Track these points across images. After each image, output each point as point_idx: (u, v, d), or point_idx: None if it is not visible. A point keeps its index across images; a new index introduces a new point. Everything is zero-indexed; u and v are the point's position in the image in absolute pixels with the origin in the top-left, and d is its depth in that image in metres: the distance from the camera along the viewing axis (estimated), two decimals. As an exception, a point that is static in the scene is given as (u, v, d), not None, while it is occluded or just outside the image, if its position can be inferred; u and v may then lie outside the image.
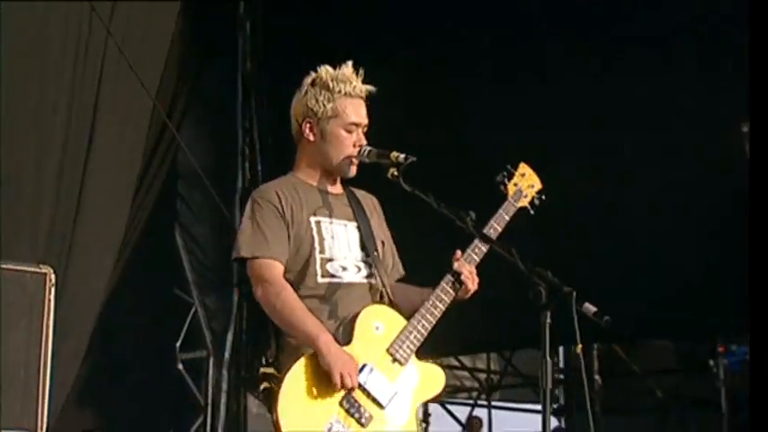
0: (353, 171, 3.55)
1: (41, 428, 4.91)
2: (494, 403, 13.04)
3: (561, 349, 13.08)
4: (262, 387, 3.41)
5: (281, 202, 3.46)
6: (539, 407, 14.60)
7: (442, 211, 3.37)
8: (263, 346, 3.68)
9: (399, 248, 3.77)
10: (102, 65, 6.97)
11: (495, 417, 12.90)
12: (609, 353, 10.40)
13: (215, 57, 9.19)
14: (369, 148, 3.52)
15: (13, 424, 4.76)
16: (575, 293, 3.15)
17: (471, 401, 13.08)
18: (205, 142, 9.19)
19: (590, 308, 3.14)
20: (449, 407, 12.78)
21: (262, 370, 3.45)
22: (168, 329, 8.72)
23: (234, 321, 9.27)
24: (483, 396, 12.73)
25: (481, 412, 12.65)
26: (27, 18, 6.62)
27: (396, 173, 3.45)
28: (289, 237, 3.43)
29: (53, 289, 5.07)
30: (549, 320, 3.14)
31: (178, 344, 9.08)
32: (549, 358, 3.17)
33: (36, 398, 4.89)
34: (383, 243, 3.66)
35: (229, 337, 9.21)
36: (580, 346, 3.21)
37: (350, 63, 3.61)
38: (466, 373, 13.09)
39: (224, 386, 9.41)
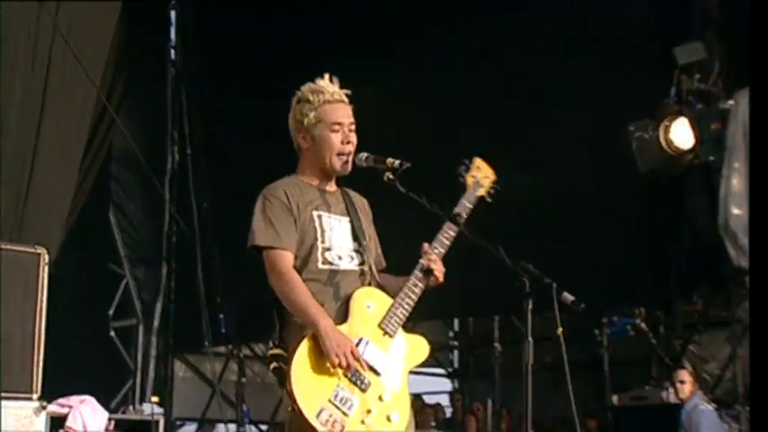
0: (348, 168, 3.75)
1: (36, 392, 5.23)
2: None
3: (456, 320, 13.86)
4: (272, 366, 3.63)
5: (288, 199, 3.67)
6: (438, 370, 14.95)
7: (434, 210, 3.63)
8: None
9: (383, 243, 4.02)
10: (50, 54, 7.21)
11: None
12: (508, 323, 11.31)
13: (150, 51, 9.60)
14: (366, 155, 3.72)
15: (12, 387, 5.08)
16: (554, 285, 3.46)
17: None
18: (139, 128, 9.51)
19: (568, 297, 3.45)
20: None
21: (270, 351, 3.69)
22: (101, 300, 9.18)
23: (163, 292, 9.68)
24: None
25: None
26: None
27: (391, 176, 3.68)
28: (296, 228, 3.67)
29: (46, 267, 5.38)
30: (530, 307, 3.49)
31: (110, 312, 9.64)
32: (530, 339, 3.50)
33: (31, 365, 5.19)
34: (370, 237, 3.88)
35: (158, 306, 9.66)
36: (560, 329, 3.56)
37: (326, 75, 3.80)
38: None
39: (153, 352, 9.90)
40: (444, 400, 13.07)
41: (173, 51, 10.06)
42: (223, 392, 10.32)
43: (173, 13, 10.05)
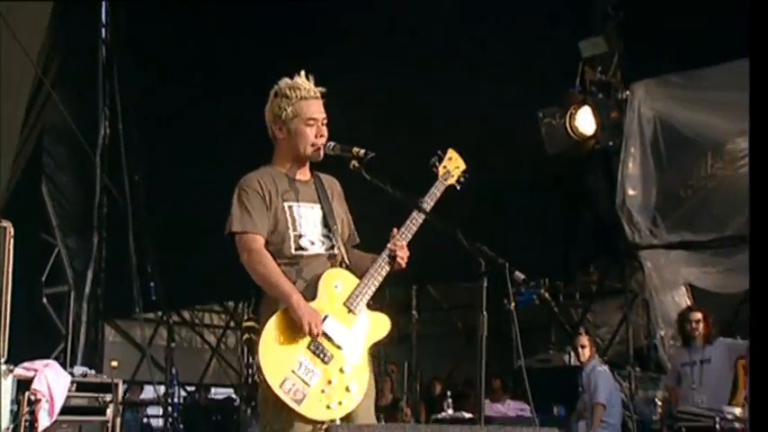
0: (320, 156, 3.86)
1: (3, 356, 5.26)
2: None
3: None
4: (244, 338, 3.75)
5: (261, 189, 3.80)
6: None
7: (396, 196, 3.76)
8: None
9: (356, 221, 4.15)
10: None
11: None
12: (425, 292, 11.69)
13: (82, 33, 9.65)
14: (333, 144, 3.84)
15: None
16: (507, 265, 3.63)
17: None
18: (72, 106, 9.49)
19: (519, 276, 3.62)
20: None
21: (244, 323, 3.80)
22: (35, 268, 9.13)
23: (93, 261, 9.88)
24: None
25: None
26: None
27: (357, 164, 3.82)
28: (268, 216, 3.81)
29: (12, 240, 5.47)
30: (485, 285, 3.65)
31: (43, 279, 9.67)
32: (485, 312, 3.73)
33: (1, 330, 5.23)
34: (343, 220, 3.99)
35: (89, 274, 9.79)
36: (513, 304, 3.78)
37: (303, 72, 3.91)
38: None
39: (83, 318, 10.05)
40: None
41: (103, 31, 10.11)
42: (153, 356, 10.48)
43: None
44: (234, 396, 12.42)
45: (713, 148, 7.86)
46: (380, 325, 3.81)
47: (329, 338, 3.64)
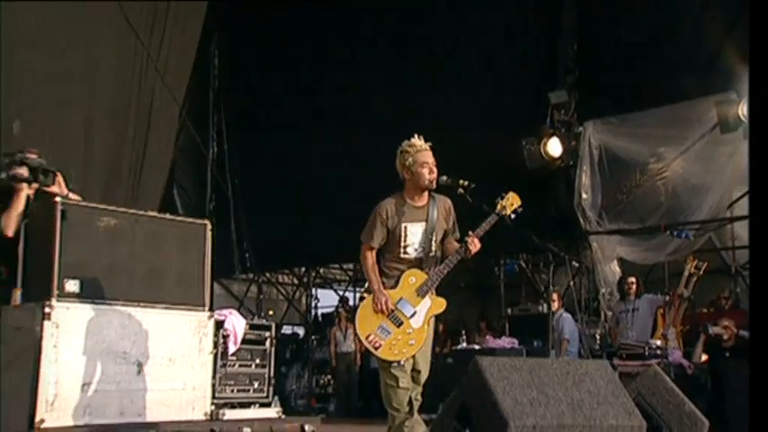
0: (433, 186, 4.14)
1: (207, 305, 5.42)
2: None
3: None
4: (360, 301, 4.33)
5: (385, 214, 4.13)
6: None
7: (483, 209, 4.09)
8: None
9: (460, 223, 4.33)
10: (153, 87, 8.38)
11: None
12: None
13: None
14: (446, 177, 4.16)
15: (193, 303, 5.30)
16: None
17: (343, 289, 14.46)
18: (196, 127, 10.41)
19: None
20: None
21: (360, 296, 4.48)
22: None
23: None
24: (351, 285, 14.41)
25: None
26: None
27: (462, 191, 4.15)
28: (388, 233, 4.13)
29: (210, 233, 5.50)
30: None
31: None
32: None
33: (203, 289, 5.39)
34: (444, 228, 4.21)
35: None
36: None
37: (416, 135, 4.21)
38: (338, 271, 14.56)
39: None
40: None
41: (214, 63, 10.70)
42: (247, 306, 11.41)
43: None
44: (298, 332, 13.06)
45: (639, 166, 8.31)
46: (439, 304, 4.19)
47: (402, 312, 4.09)
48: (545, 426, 3.26)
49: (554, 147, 8.40)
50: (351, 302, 12.17)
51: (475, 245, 4.03)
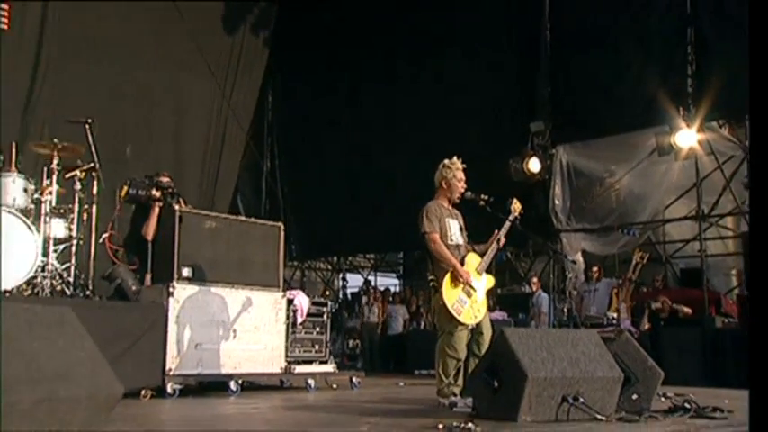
0: (459, 198, 4.41)
1: (280, 285, 5.64)
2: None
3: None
4: (430, 284, 4.27)
5: (436, 211, 4.35)
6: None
7: (499, 217, 4.31)
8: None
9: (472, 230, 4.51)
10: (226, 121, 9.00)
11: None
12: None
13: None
14: (469, 193, 4.39)
15: (269, 283, 5.55)
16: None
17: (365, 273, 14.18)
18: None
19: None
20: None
21: (429, 277, 4.31)
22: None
23: None
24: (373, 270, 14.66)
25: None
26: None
27: (483, 203, 4.40)
28: (439, 225, 4.29)
29: (282, 234, 5.79)
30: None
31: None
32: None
33: (277, 271, 5.64)
34: (463, 230, 4.47)
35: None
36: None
37: (454, 157, 4.43)
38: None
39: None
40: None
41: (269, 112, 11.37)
42: (292, 287, 11.28)
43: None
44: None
45: (598, 180, 8.83)
46: (490, 281, 4.50)
47: (471, 286, 4.33)
48: (553, 377, 3.53)
49: (534, 165, 8.76)
50: (372, 284, 12.63)
51: (503, 239, 4.47)
